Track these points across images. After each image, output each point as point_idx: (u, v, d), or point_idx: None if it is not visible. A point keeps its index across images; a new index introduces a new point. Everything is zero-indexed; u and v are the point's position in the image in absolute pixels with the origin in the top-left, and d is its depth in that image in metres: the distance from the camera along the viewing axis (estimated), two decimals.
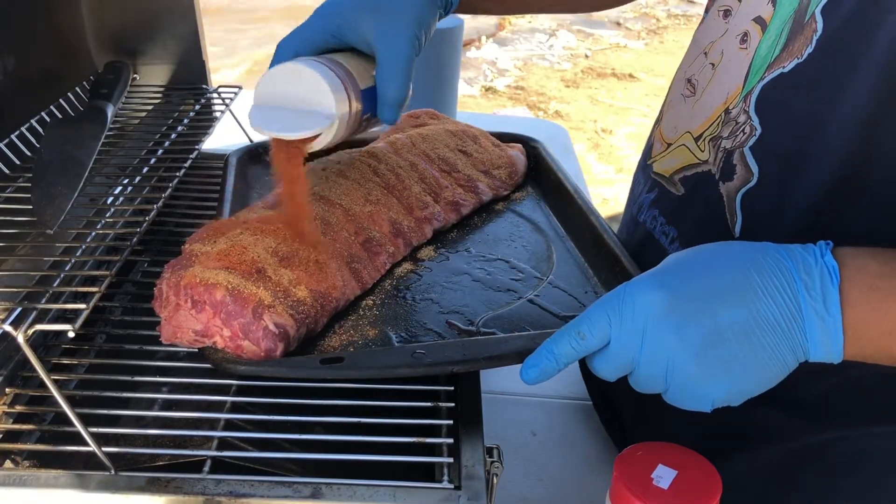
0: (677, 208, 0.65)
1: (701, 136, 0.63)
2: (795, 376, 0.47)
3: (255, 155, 0.83)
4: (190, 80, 0.93)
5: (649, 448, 0.52)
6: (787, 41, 0.55)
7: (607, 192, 2.85)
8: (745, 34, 0.60)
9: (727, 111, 0.60)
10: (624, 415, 0.73)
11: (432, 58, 1.21)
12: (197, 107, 0.88)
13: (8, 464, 0.51)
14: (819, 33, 0.53)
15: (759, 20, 0.58)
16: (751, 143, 0.57)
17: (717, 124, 0.60)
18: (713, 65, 0.63)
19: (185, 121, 0.85)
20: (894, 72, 0.49)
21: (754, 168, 0.56)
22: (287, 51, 0.63)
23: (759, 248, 0.47)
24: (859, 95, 0.50)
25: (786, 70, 0.55)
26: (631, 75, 4.32)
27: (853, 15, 0.51)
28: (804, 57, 0.54)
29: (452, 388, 0.56)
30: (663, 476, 0.50)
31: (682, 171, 0.65)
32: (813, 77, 0.53)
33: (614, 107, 3.99)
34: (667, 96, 0.72)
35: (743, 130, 0.57)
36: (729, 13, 0.63)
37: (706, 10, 0.69)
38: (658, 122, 0.72)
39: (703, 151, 0.62)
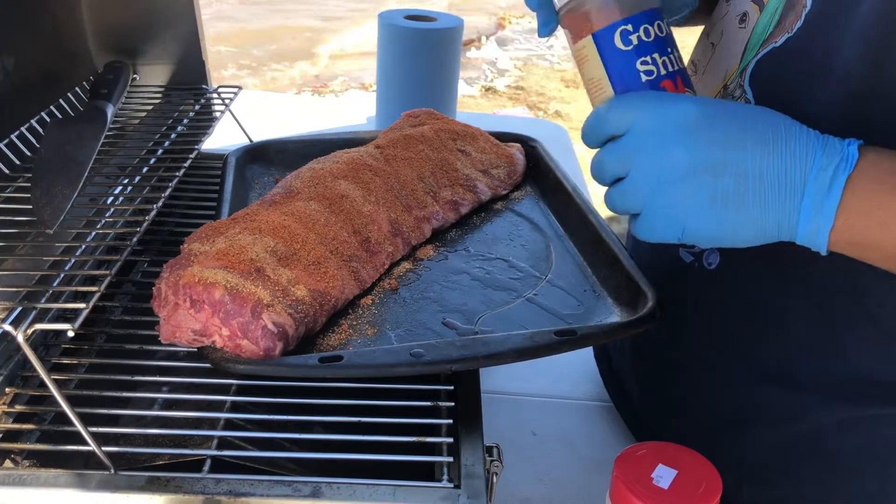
0: None
1: None
2: (798, 354, 0.48)
3: (255, 154, 0.83)
4: (190, 80, 0.93)
5: (649, 448, 0.52)
6: (780, 18, 0.56)
7: None
8: (745, 14, 0.61)
9: (725, 87, 0.61)
10: (634, 394, 0.74)
11: (432, 58, 1.21)
12: (197, 107, 0.88)
13: (8, 463, 0.51)
14: (808, 8, 0.54)
15: (757, 1, 0.60)
16: None
17: None
18: (713, 44, 0.64)
19: (185, 121, 0.85)
20: (877, 44, 0.50)
21: None
22: None
23: (790, 121, 0.48)
24: (845, 66, 0.51)
25: (777, 45, 0.56)
26: None
27: None
28: (793, 31, 0.55)
29: (452, 387, 0.56)
30: (663, 476, 0.50)
31: None
32: (801, 49, 0.54)
33: None
34: None
35: None
36: None
37: None
38: None
39: None
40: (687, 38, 0.70)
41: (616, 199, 0.51)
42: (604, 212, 0.77)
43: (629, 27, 0.53)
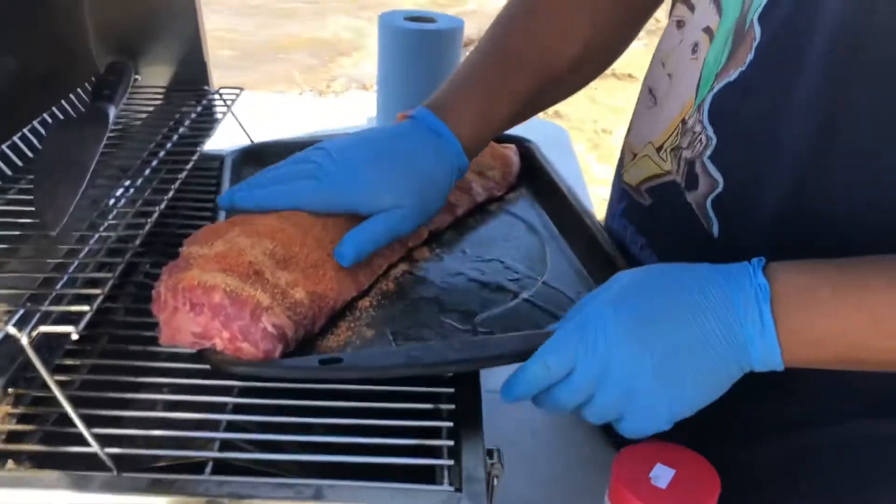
0: (646, 218, 0.67)
1: (662, 146, 0.64)
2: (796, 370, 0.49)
3: (251, 156, 0.83)
4: (191, 81, 0.93)
5: (647, 448, 0.52)
6: (731, 51, 0.56)
7: (607, 191, 2.84)
8: (696, 44, 0.60)
9: (683, 121, 0.60)
10: None
11: (433, 59, 1.22)
12: (199, 108, 0.88)
13: (11, 464, 0.51)
14: (757, 41, 0.54)
15: (707, 30, 0.59)
16: (708, 152, 0.57)
17: (676, 134, 0.61)
18: (670, 75, 0.64)
19: (187, 122, 0.85)
20: (833, 72, 0.50)
21: (717, 176, 0.57)
22: None
23: (698, 269, 0.51)
24: (803, 99, 0.51)
25: (731, 79, 0.56)
26: (630, 75, 4.31)
27: (788, 20, 0.52)
28: (746, 65, 0.55)
29: (453, 389, 0.57)
30: (661, 475, 0.50)
31: (647, 181, 0.67)
32: (756, 84, 0.54)
33: (614, 107, 3.99)
34: (636, 107, 0.72)
35: (700, 140, 0.58)
36: (683, 24, 0.63)
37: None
38: (628, 132, 0.73)
39: (665, 162, 0.63)
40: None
41: (590, 417, 0.53)
42: (599, 212, 0.77)
43: None
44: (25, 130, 0.72)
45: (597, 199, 2.49)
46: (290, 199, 0.62)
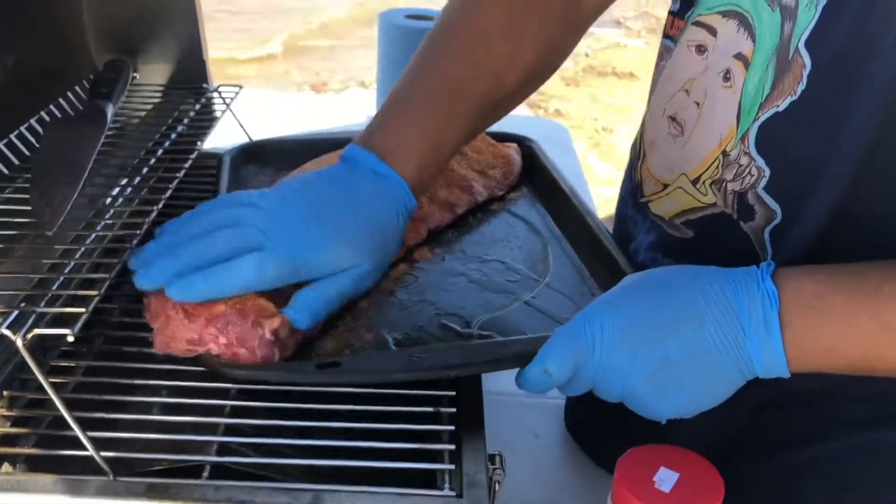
0: (687, 250, 0.63)
1: (699, 178, 0.61)
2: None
3: (249, 155, 0.83)
4: (190, 79, 0.93)
5: (651, 451, 0.52)
6: (775, 78, 0.54)
7: (608, 191, 2.85)
8: (728, 71, 0.58)
9: (724, 153, 0.58)
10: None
11: None
12: (197, 106, 0.87)
13: (5, 467, 0.51)
14: (809, 69, 0.52)
15: (740, 56, 0.57)
16: (762, 184, 0.56)
17: (717, 167, 0.59)
18: (698, 104, 0.61)
19: (186, 120, 0.84)
20: (893, 96, 0.49)
21: (774, 206, 0.56)
22: None
23: (705, 274, 0.50)
24: (858, 124, 0.50)
25: (780, 109, 0.54)
26: (631, 74, 4.31)
27: (843, 47, 0.50)
28: (798, 94, 0.53)
29: (454, 392, 0.56)
30: (665, 479, 0.50)
31: (683, 214, 0.63)
32: (811, 112, 0.53)
33: (615, 105, 3.99)
34: (643, 131, 0.70)
35: (750, 172, 0.56)
36: (704, 49, 0.61)
37: (666, 37, 0.67)
38: (641, 158, 0.70)
39: (705, 195, 0.61)
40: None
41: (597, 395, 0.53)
42: (601, 212, 0.76)
43: None
44: (22, 128, 0.71)
45: (598, 198, 2.49)
46: (235, 282, 0.53)
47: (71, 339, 0.48)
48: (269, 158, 0.83)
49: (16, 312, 0.49)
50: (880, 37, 0.48)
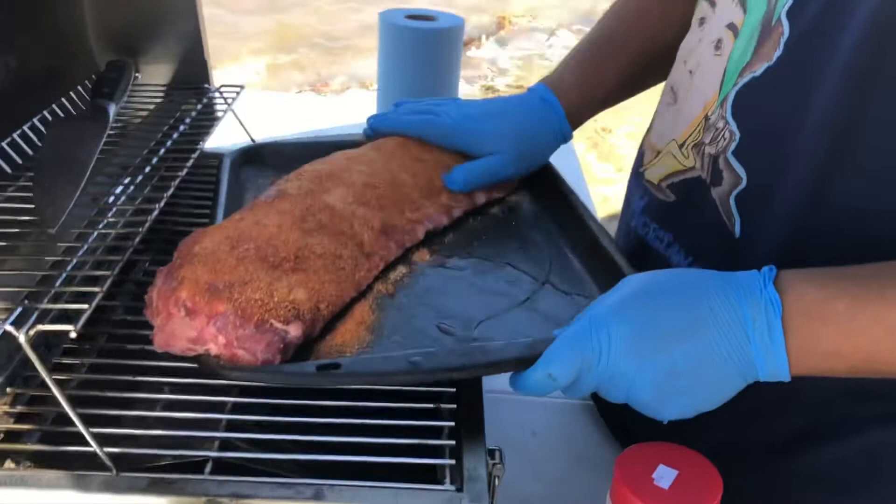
0: (670, 214, 0.66)
1: (684, 143, 0.63)
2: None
3: (250, 156, 0.83)
4: (192, 79, 0.93)
5: (650, 448, 0.52)
6: (756, 45, 0.55)
7: (608, 190, 2.84)
8: (719, 41, 0.60)
9: (706, 117, 0.60)
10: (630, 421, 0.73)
11: (432, 57, 1.21)
12: (199, 106, 0.88)
13: (9, 464, 0.51)
14: (786, 36, 0.53)
15: (731, 26, 0.59)
16: (732, 148, 0.57)
17: (699, 131, 0.61)
18: (691, 72, 0.64)
19: (188, 120, 0.85)
20: (859, 73, 0.49)
21: (741, 172, 0.57)
22: None
23: (708, 279, 0.50)
24: (827, 96, 0.51)
25: (757, 74, 0.55)
26: None
27: (818, 18, 0.51)
28: (773, 60, 0.54)
29: (454, 389, 0.56)
30: (664, 476, 0.50)
31: (669, 178, 0.66)
32: (783, 80, 0.54)
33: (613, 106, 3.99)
34: (657, 106, 0.72)
35: (723, 136, 0.58)
36: (704, 21, 0.63)
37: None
38: (649, 130, 0.73)
39: (687, 158, 0.63)
40: None
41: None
42: (601, 213, 0.76)
43: None
44: (25, 128, 0.71)
45: (597, 199, 2.49)
46: (418, 126, 0.77)
47: (73, 335, 0.48)
48: (268, 160, 0.83)
49: (19, 309, 0.50)
50: (850, 10, 0.49)
